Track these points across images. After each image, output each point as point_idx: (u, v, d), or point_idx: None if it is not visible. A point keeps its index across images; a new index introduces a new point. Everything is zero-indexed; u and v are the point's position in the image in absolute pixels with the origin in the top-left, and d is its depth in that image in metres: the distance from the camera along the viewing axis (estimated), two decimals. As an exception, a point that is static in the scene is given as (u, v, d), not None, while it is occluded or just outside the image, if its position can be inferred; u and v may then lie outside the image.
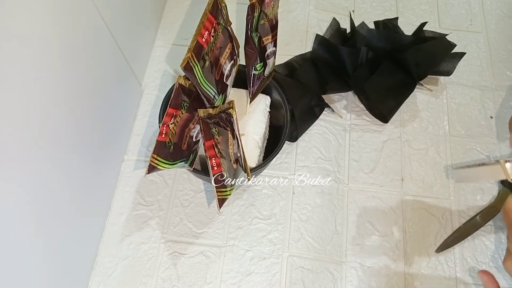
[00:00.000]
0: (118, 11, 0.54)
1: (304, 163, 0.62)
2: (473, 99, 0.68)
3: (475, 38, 0.73)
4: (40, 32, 0.37)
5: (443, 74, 0.68)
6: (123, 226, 0.58)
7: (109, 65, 0.54)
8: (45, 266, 0.44)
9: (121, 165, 0.62)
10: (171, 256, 0.56)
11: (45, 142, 0.40)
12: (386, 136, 0.65)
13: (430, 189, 0.61)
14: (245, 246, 0.57)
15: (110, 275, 0.55)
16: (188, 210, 0.59)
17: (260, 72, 0.53)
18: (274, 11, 0.50)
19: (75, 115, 0.46)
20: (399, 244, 0.57)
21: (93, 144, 0.51)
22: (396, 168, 0.62)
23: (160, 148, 0.44)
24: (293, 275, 0.55)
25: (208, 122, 0.45)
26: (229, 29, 0.47)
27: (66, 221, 0.47)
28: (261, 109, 0.57)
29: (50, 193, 0.42)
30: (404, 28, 0.72)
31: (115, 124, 0.58)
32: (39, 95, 0.38)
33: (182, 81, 0.44)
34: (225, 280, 0.55)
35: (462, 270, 0.56)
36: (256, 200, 0.60)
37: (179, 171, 0.61)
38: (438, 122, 0.66)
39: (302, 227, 0.58)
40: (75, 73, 0.45)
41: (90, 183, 0.52)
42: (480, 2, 0.77)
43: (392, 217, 0.59)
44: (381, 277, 0.55)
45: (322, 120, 0.65)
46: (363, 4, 0.76)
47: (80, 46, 0.45)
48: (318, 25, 0.74)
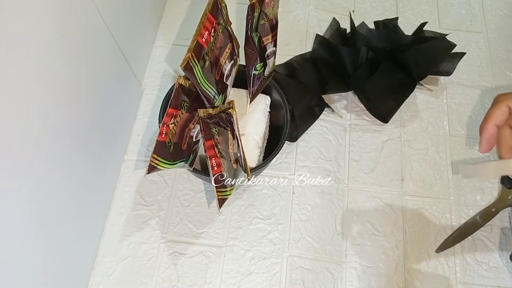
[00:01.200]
0: (118, 11, 0.54)
1: (304, 163, 0.62)
2: (473, 99, 0.68)
3: (475, 38, 0.73)
4: (40, 32, 0.37)
5: (443, 74, 0.68)
6: (123, 226, 0.58)
7: (109, 65, 0.54)
8: (45, 266, 0.44)
9: (121, 165, 0.62)
10: (171, 256, 0.56)
11: (45, 142, 0.40)
12: (386, 136, 0.65)
13: (430, 189, 0.61)
14: (245, 246, 0.57)
15: (110, 275, 0.55)
16: (188, 210, 0.59)
17: (260, 72, 0.53)
18: (274, 11, 0.50)
19: (75, 115, 0.46)
20: (399, 244, 0.57)
21: (93, 144, 0.51)
22: (396, 168, 0.62)
23: (160, 148, 0.44)
24: (293, 275, 0.55)
25: (208, 122, 0.45)
26: (229, 29, 0.47)
27: (66, 221, 0.47)
28: (261, 109, 0.57)
29: (50, 193, 0.42)
30: (404, 28, 0.72)
31: (115, 124, 0.58)
32: (39, 95, 0.38)
33: (182, 81, 0.44)
34: (225, 280, 0.55)
35: (462, 270, 0.56)
36: (256, 200, 0.60)
37: (179, 171, 0.61)
38: (438, 122, 0.66)
39: (302, 227, 0.58)
40: (75, 73, 0.45)
41: (90, 183, 0.52)
42: (480, 2, 0.77)
43: (392, 217, 0.59)
44: (381, 277, 0.55)
45: (322, 120, 0.65)
46: (363, 4, 0.76)
47: (80, 46, 0.45)
48: (318, 25, 0.74)
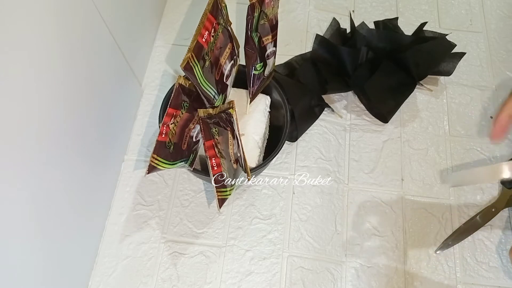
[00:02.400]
0: (118, 11, 0.54)
1: (304, 163, 0.62)
2: (473, 99, 0.68)
3: (475, 38, 0.73)
4: (40, 32, 0.37)
5: (443, 74, 0.68)
6: (123, 226, 0.58)
7: (109, 65, 0.54)
8: (45, 266, 0.44)
9: (121, 165, 0.62)
10: (171, 256, 0.56)
11: (45, 142, 0.40)
12: (386, 136, 0.65)
13: (430, 189, 0.61)
14: (245, 246, 0.57)
15: (110, 275, 0.55)
16: (188, 210, 0.59)
17: (260, 72, 0.53)
18: (274, 11, 0.50)
19: (75, 115, 0.46)
20: (399, 244, 0.57)
21: (93, 144, 0.51)
22: (396, 168, 0.62)
23: (160, 148, 0.44)
24: (293, 275, 0.55)
25: (208, 122, 0.45)
26: (229, 29, 0.47)
27: (66, 221, 0.47)
28: (261, 109, 0.57)
29: (49, 194, 0.42)
30: (404, 28, 0.72)
31: (115, 124, 0.58)
32: (38, 95, 0.38)
33: (182, 81, 0.44)
34: (225, 280, 0.55)
35: (462, 270, 0.56)
36: (256, 200, 0.60)
37: (179, 171, 0.61)
38: (438, 122, 0.66)
39: (302, 227, 0.58)
40: (75, 73, 0.45)
41: (90, 183, 0.52)
42: (480, 2, 0.77)
43: (392, 217, 0.59)
44: (381, 277, 0.55)
45: (322, 120, 0.65)
46: (363, 4, 0.76)
47: (80, 46, 0.45)
48: (318, 25, 0.74)
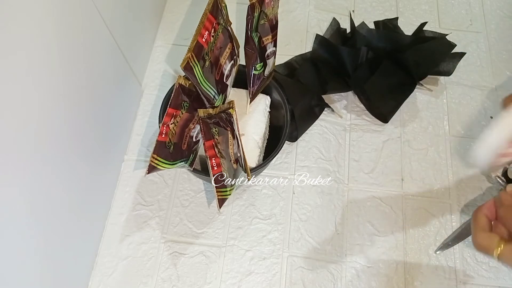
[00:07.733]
0: (118, 11, 0.54)
1: (304, 163, 0.62)
2: (473, 99, 0.68)
3: (475, 38, 0.73)
4: (40, 32, 0.37)
5: (443, 74, 0.68)
6: (123, 226, 0.58)
7: (109, 65, 0.54)
8: (45, 266, 0.44)
9: (121, 165, 0.62)
10: (171, 256, 0.56)
11: (45, 142, 0.40)
12: (386, 136, 0.65)
13: (430, 189, 0.61)
14: (245, 246, 0.57)
15: (110, 275, 0.55)
16: (188, 210, 0.59)
17: (260, 72, 0.53)
18: (274, 11, 0.50)
19: (75, 115, 0.46)
20: (399, 244, 0.57)
21: (93, 144, 0.51)
22: (396, 168, 0.62)
23: (160, 148, 0.44)
24: (293, 275, 0.55)
25: (208, 122, 0.45)
26: (229, 29, 0.47)
27: (66, 221, 0.47)
28: (261, 109, 0.57)
29: (49, 194, 0.42)
30: (404, 28, 0.72)
31: (115, 124, 0.58)
32: (38, 95, 0.38)
33: (182, 81, 0.44)
34: (225, 280, 0.55)
35: (462, 270, 0.56)
36: (256, 200, 0.59)
37: (179, 171, 0.61)
38: (438, 122, 0.66)
39: (302, 227, 0.58)
40: (75, 73, 0.45)
41: (90, 183, 0.52)
42: (480, 2, 0.77)
43: (392, 217, 0.59)
44: (381, 277, 0.55)
45: (322, 120, 0.65)
46: (363, 4, 0.76)
47: (80, 46, 0.45)
48: (318, 25, 0.74)
